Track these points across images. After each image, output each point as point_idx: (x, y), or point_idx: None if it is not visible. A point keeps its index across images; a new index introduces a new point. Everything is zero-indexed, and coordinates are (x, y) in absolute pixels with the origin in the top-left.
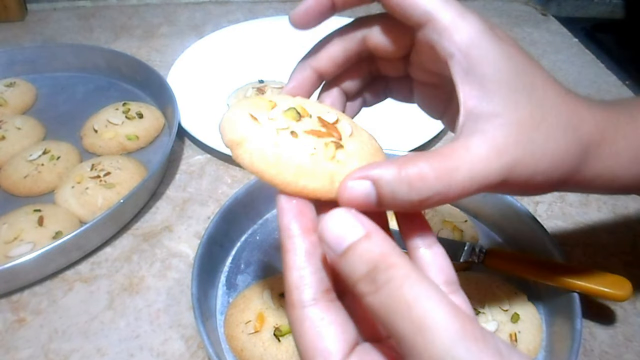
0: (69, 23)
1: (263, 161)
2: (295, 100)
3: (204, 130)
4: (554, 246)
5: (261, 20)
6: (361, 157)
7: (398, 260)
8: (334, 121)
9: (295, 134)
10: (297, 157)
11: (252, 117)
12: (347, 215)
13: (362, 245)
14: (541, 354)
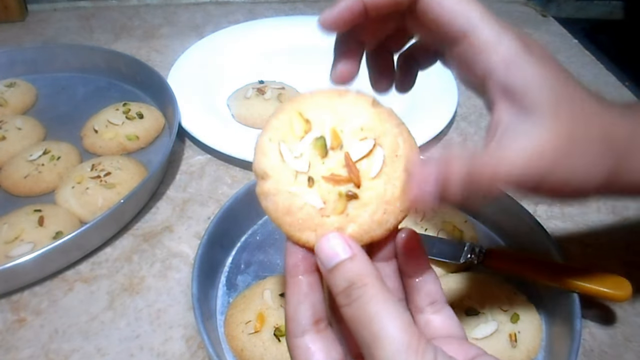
0: (70, 23)
1: (275, 208)
2: (335, 112)
3: (204, 131)
4: (553, 246)
5: (261, 21)
6: (377, 207)
7: (370, 281)
8: (366, 153)
9: (312, 182)
10: (305, 210)
11: (279, 151)
12: (338, 239)
13: (346, 265)
14: (541, 354)
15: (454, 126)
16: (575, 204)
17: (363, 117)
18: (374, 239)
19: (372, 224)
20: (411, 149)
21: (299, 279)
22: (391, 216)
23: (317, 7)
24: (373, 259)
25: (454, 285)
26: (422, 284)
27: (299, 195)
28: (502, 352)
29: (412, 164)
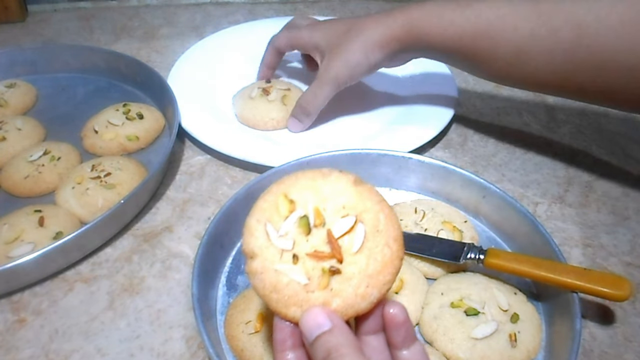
0: (70, 24)
1: (262, 285)
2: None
3: (204, 131)
4: (553, 246)
5: (261, 22)
6: (360, 281)
7: (347, 351)
8: (347, 230)
9: (296, 259)
10: (291, 286)
11: (265, 231)
12: (320, 313)
13: (325, 336)
14: (541, 354)
15: (453, 126)
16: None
17: (345, 196)
18: (359, 313)
19: (356, 298)
20: (392, 224)
21: (287, 354)
22: (374, 289)
23: (317, 7)
24: (360, 332)
25: (454, 285)
26: (411, 355)
27: (285, 272)
28: (502, 352)
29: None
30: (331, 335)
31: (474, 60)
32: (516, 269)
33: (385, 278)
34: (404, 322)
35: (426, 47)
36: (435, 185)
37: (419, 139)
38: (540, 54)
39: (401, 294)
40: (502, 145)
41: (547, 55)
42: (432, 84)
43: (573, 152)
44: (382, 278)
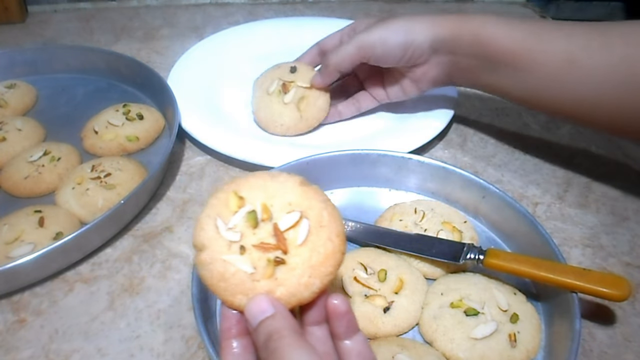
0: (70, 25)
1: (210, 275)
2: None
3: (204, 132)
4: (552, 247)
5: (261, 22)
6: (303, 271)
7: (287, 333)
8: (293, 224)
9: (244, 250)
10: (238, 276)
11: (214, 225)
12: (264, 299)
13: (267, 321)
14: (540, 354)
15: (453, 127)
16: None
17: (291, 195)
18: (301, 301)
19: (299, 287)
20: (335, 221)
21: (232, 341)
22: (317, 279)
23: (317, 8)
24: (305, 322)
25: (453, 286)
26: (353, 345)
27: (232, 262)
28: (501, 352)
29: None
30: (273, 319)
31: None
32: (516, 269)
33: (327, 269)
34: (345, 312)
35: (475, 45)
36: (435, 185)
37: (418, 140)
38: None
39: (401, 294)
40: (501, 145)
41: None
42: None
43: (572, 153)
44: (324, 269)
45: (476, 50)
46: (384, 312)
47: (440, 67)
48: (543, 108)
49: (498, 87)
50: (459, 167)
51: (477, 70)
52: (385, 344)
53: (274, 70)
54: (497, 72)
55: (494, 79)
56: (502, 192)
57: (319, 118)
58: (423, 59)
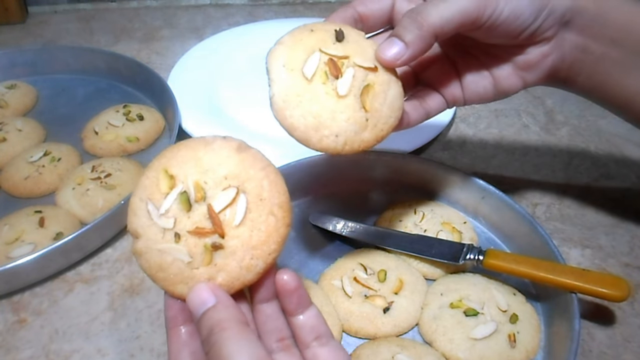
0: (70, 25)
1: (148, 265)
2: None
3: (204, 132)
4: (552, 247)
5: (261, 23)
6: (243, 254)
7: (228, 325)
8: (229, 202)
9: (178, 237)
10: (175, 265)
11: (146, 210)
12: (204, 289)
13: (208, 313)
14: (540, 354)
15: (452, 128)
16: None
17: (226, 166)
18: (245, 284)
19: (241, 271)
20: (277, 190)
21: (179, 329)
22: (259, 260)
23: (317, 9)
24: (255, 301)
25: (453, 286)
26: (306, 320)
27: (168, 251)
28: (501, 353)
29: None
30: (214, 311)
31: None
32: (515, 270)
33: (270, 247)
34: (295, 289)
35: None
36: (435, 186)
37: (418, 140)
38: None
39: (400, 295)
40: (501, 146)
41: None
42: None
43: (572, 154)
44: (267, 248)
45: (625, 37)
46: (383, 313)
47: (565, 51)
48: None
49: (631, 95)
50: (458, 167)
51: (614, 66)
52: (385, 344)
53: (305, 33)
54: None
55: (634, 82)
56: (502, 193)
57: (392, 123)
58: (551, 32)
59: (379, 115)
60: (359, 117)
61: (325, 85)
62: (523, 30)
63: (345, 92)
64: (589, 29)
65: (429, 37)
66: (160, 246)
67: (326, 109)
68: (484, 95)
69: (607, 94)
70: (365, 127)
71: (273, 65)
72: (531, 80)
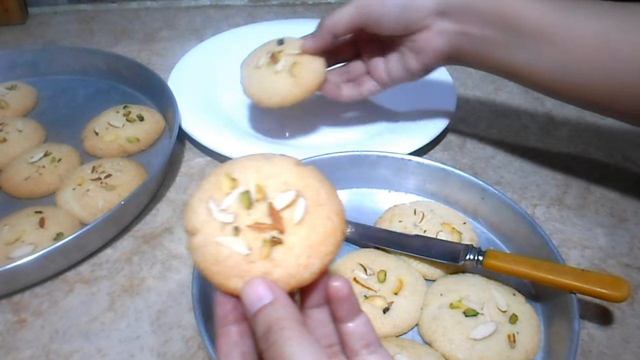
0: (70, 26)
1: (203, 259)
2: (260, 171)
3: (205, 133)
4: (551, 248)
5: (261, 25)
6: (302, 251)
7: (288, 324)
8: (289, 203)
9: (238, 231)
10: (232, 258)
11: (206, 207)
12: (262, 284)
13: (266, 309)
14: (539, 354)
15: (452, 128)
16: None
17: (286, 175)
18: (301, 283)
19: (298, 268)
20: (333, 199)
21: (229, 328)
22: (316, 259)
23: (317, 10)
24: (305, 305)
25: (453, 287)
26: (355, 327)
27: (226, 244)
28: (500, 353)
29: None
30: (272, 308)
31: (550, 43)
32: (515, 270)
33: (328, 249)
34: (347, 296)
35: (492, 12)
36: (434, 187)
37: (418, 141)
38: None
39: (400, 295)
40: (500, 147)
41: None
42: (431, 87)
43: (571, 154)
44: (324, 249)
45: (495, 19)
46: (383, 313)
47: (447, 36)
48: (569, 94)
49: (515, 67)
50: (458, 168)
51: (493, 44)
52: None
53: (260, 48)
54: (517, 48)
55: (513, 56)
56: (501, 194)
57: (317, 82)
58: (425, 22)
59: (304, 78)
60: (291, 81)
61: (268, 69)
62: (396, 24)
63: (280, 69)
64: (463, 16)
65: (327, 35)
66: (219, 239)
67: (269, 81)
68: (401, 76)
69: (497, 68)
70: (296, 85)
71: (242, 66)
72: (428, 61)
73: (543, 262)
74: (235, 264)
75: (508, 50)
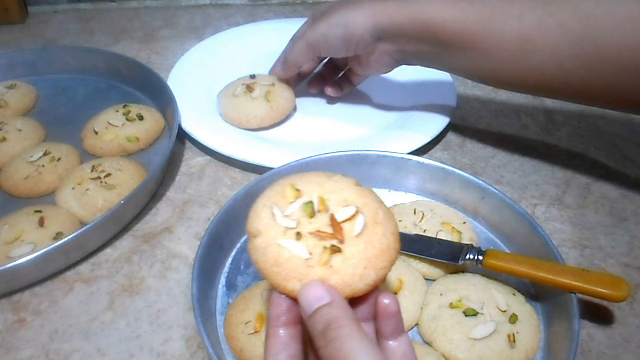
0: (70, 26)
1: (264, 259)
2: (323, 187)
3: (204, 133)
4: (551, 248)
5: (261, 24)
6: (359, 262)
7: (346, 323)
8: (349, 217)
9: (300, 236)
10: (293, 261)
11: (271, 212)
12: (319, 286)
13: (324, 309)
14: (539, 354)
15: (452, 128)
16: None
17: (347, 193)
18: (355, 293)
19: (355, 277)
20: (390, 220)
21: (279, 329)
22: (372, 272)
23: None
24: None
25: (452, 287)
26: (398, 346)
27: (287, 247)
28: (500, 353)
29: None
30: (331, 307)
31: (475, 50)
32: (515, 270)
33: (383, 264)
34: (395, 313)
35: (420, 31)
36: (435, 186)
37: (418, 141)
38: (547, 45)
39: (400, 295)
40: (500, 147)
41: (553, 47)
42: (431, 87)
43: (571, 154)
44: (380, 263)
45: (424, 37)
46: None
47: (390, 54)
48: (506, 86)
49: (455, 69)
50: (458, 168)
51: (429, 55)
52: None
53: (235, 82)
54: (450, 56)
55: (449, 63)
56: (502, 193)
57: (289, 107)
58: (369, 49)
59: (278, 105)
60: (267, 105)
61: (246, 96)
62: (345, 54)
63: (256, 96)
64: (397, 38)
65: (293, 67)
66: (281, 241)
67: (247, 107)
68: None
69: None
70: (272, 109)
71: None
72: (384, 70)
73: (543, 262)
74: (295, 267)
75: (443, 59)
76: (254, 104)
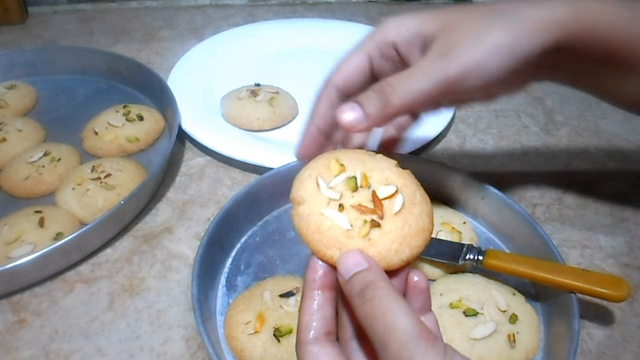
0: (70, 26)
1: (307, 226)
2: (366, 164)
3: (204, 133)
4: (551, 247)
5: (261, 24)
6: (395, 238)
7: (383, 284)
8: (389, 195)
9: (342, 207)
10: (334, 230)
11: (315, 183)
12: (357, 254)
13: (362, 273)
14: (539, 354)
15: (452, 128)
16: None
17: (387, 172)
18: (389, 266)
19: (390, 252)
20: (426, 202)
21: (315, 292)
22: (407, 248)
23: (317, 9)
24: None
25: (452, 286)
26: (426, 321)
27: (329, 217)
28: (500, 353)
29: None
30: (369, 271)
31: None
32: (515, 270)
33: (417, 242)
34: (425, 289)
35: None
36: (434, 186)
37: (418, 141)
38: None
39: None
40: (500, 147)
41: None
42: None
43: (571, 154)
44: (415, 242)
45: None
46: None
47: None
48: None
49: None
50: (458, 167)
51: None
52: None
53: (239, 88)
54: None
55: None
56: (501, 193)
57: (291, 114)
58: (527, 82)
59: (281, 109)
60: (270, 109)
61: (249, 100)
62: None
63: (260, 100)
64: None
65: (391, 114)
66: (324, 210)
67: (251, 108)
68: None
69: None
70: (275, 113)
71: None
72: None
73: (543, 262)
74: (335, 235)
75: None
76: (257, 106)
